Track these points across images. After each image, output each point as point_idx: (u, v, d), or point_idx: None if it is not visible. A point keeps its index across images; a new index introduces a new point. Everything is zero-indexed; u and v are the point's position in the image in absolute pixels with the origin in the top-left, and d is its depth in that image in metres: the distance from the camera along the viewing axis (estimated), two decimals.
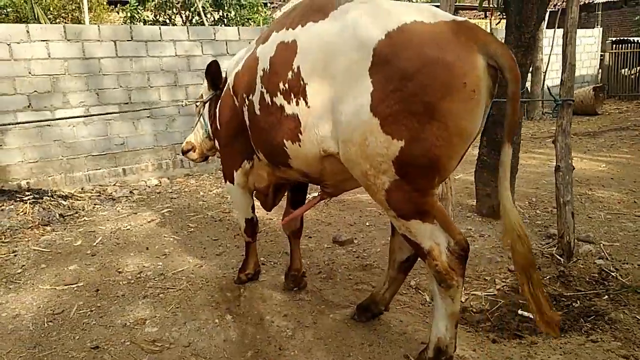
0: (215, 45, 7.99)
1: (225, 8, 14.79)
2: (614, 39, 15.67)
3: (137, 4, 12.25)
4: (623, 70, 15.04)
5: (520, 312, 3.14)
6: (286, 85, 2.38)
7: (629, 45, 14.99)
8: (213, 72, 3.30)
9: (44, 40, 6.56)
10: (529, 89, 11.93)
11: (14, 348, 2.95)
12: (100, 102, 7.02)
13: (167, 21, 14.38)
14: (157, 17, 14.57)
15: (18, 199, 5.99)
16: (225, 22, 15.01)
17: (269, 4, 23.03)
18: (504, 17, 4.94)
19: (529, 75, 10.84)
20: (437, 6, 2.90)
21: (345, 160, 2.27)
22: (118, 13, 14.61)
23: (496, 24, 13.47)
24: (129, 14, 13.57)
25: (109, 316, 3.29)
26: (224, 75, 3.30)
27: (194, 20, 14.84)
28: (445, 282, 2.27)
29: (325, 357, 2.74)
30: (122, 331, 3.10)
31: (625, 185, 5.80)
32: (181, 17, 15.03)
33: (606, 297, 3.23)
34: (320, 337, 2.94)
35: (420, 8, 2.12)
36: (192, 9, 14.30)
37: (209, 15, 14.47)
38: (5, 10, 13.33)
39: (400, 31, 2.00)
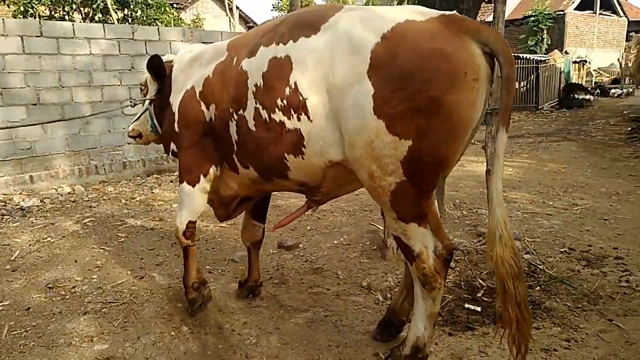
0: (134, 45, 7.60)
1: (131, 7, 14.11)
2: None
3: None
4: None
5: (467, 305, 3.35)
6: (284, 101, 2.33)
7: (518, 60, 16.58)
8: (156, 66, 3.14)
9: None
10: None
11: None
12: (5, 103, 6.37)
13: (65, 17, 13.38)
14: (53, 12, 13.51)
15: None
16: (130, 21, 14.31)
17: (175, 5, 22.33)
18: None
19: None
20: None
21: (352, 164, 2.26)
22: (8, 7, 13.26)
23: None
24: (21, 8, 12.43)
25: (49, 336, 3.00)
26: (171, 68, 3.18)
27: (96, 18, 13.95)
28: (430, 284, 2.33)
29: None
30: (67, 351, 2.85)
31: (533, 187, 6.42)
32: (80, 13, 14.06)
33: (538, 288, 3.56)
34: (286, 342, 2.92)
35: (406, 8, 2.20)
36: (93, 6, 13.44)
37: (112, 14, 13.70)
38: None
39: (394, 31, 2.04)
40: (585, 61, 21.86)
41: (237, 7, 25.42)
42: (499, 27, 4.15)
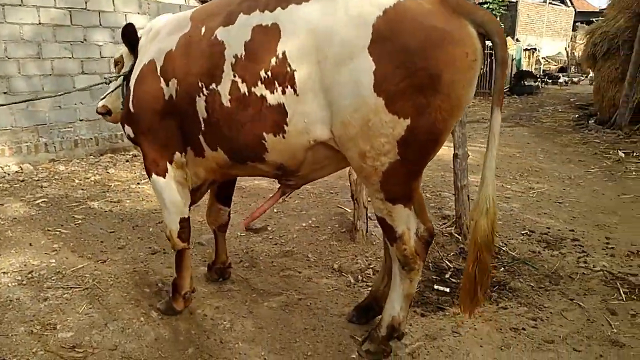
0: (87, 16, 7.18)
1: None
2: None
3: None
4: None
5: (436, 287, 3.42)
6: (269, 73, 2.18)
7: None
8: (131, 35, 2.84)
9: None
10: None
11: None
12: None
13: None
14: None
15: None
16: None
17: None
18: None
19: None
20: None
21: (342, 143, 2.17)
22: None
23: None
24: None
25: (7, 324, 2.84)
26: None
27: None
28: (409, 265, 2.36)
29: (270, 346, 2.70)
30: (29, 340, 2.70)
31: (498, 174, 6.60)
32: None
33: (502, 269, 3.68)
34: (261, 326, 2.89)
35: None
36: None
37: None
38: None
39: (397, 7, 1.97)
40: (535, 49, 22.61)
41: None
42: None
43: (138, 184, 5.96)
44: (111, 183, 5.95)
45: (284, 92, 2.17)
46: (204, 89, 2.41)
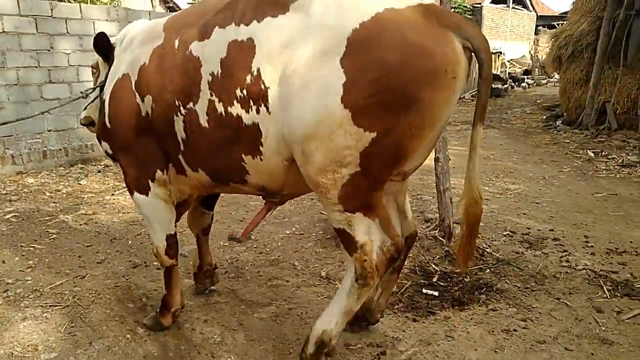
0: (53, 24, 6.95)
1: None
2: None
3: None
4: None
5: (424, 290, 3.43)
6: (244, 91, 2.10)
7: None
8: (103, 44, 2.74)
9: None
10: None
11: None
12: None
13: None
14: None
15: None
16: None
17: None
18: None
19: None
20: None
21: (300, 158, 2.07)
22: None
23: None
24: None
25: None
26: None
27: None
28: (365, 279, 2.21)
29: (264, 359, 2.65)
30: None
31: None
32: None
33: (488, 270, 3.71)
34: (252, 338, 2.83)
35: None
36: None
37: None
38: None
39: (375, 19, 1.89)
40: (501, 52, 23.16)
41: None
42: None
43: (112, 195, 5.79)
44: (84, 195, 5.76)
45: (258, 112, 2.10)
46: (181, 107, 2.32)
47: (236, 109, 2.14)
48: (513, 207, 5.18)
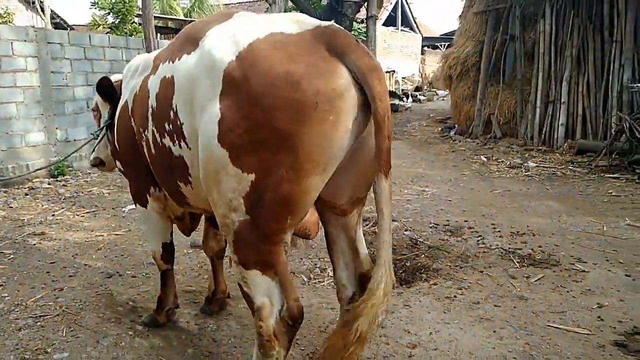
0: None
1: None
2: None
3: None
4: None
5: None
6: (170, 125, 2.17)
7: None
8: (106, 89, 3.09)
9: None
10: None
11: None
12: None
13: None
14: None
15: None
16: None
17: None
18: None
19: None
20: None
21: (207, 196, 2.05)
22: None
23: None
24: None
25: None
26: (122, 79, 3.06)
27: None
28: (265, 349, 2.01)
29: None
30: None
31: (394, 180, 7.54)
32: None
33: (423, 255, 4.45)
34: (245, 324, 3.25)
35: (286, 17, 1.93)
36: None
37: None
38: None
39: (250, 49, 1.79)
40: (394, 71, 25.12)
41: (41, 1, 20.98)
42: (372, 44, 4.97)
43: (53, 215, 5.77)
44: (23, 217, 5.68)
45: (180, 146, 2.16)
46: (142, 134, 2.54)
47: (167, 141, 2.24)
48: (432, 205, 6.06)
